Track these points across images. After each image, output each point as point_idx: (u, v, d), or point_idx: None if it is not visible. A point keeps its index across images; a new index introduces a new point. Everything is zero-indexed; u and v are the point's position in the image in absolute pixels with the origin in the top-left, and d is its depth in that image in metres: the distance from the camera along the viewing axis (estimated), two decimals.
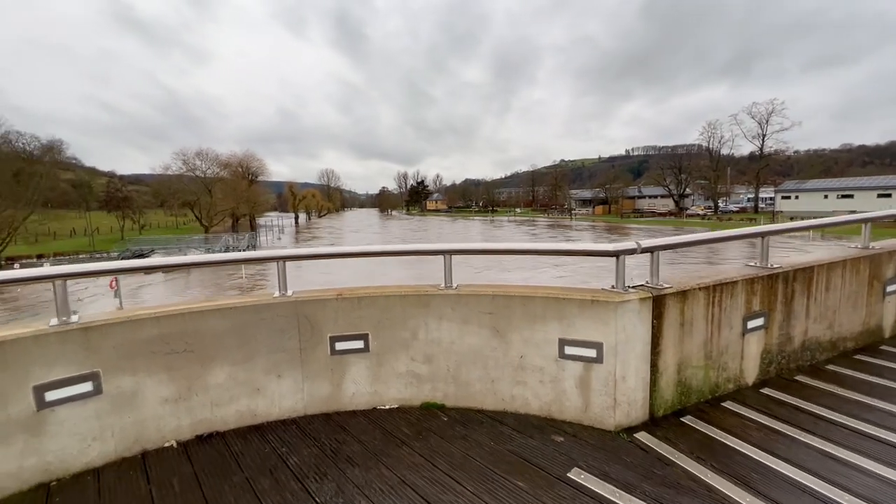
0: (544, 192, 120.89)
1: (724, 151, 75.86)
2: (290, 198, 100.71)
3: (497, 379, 3.07)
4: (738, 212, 71.68)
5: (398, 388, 3.20)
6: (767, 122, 67.57)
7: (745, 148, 77.13)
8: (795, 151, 79.22)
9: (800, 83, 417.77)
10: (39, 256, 31.85)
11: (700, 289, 2.99)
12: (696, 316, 3.00)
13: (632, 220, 74.41)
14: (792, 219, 52.88)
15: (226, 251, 33.62)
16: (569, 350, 2.85)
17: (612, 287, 2.90)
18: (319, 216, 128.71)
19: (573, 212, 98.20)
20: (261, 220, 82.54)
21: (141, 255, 34.31)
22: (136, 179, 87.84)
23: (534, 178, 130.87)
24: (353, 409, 3.16)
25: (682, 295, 2.92)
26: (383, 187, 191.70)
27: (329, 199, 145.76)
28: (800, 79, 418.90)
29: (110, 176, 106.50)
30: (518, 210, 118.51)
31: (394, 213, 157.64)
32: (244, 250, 36.05)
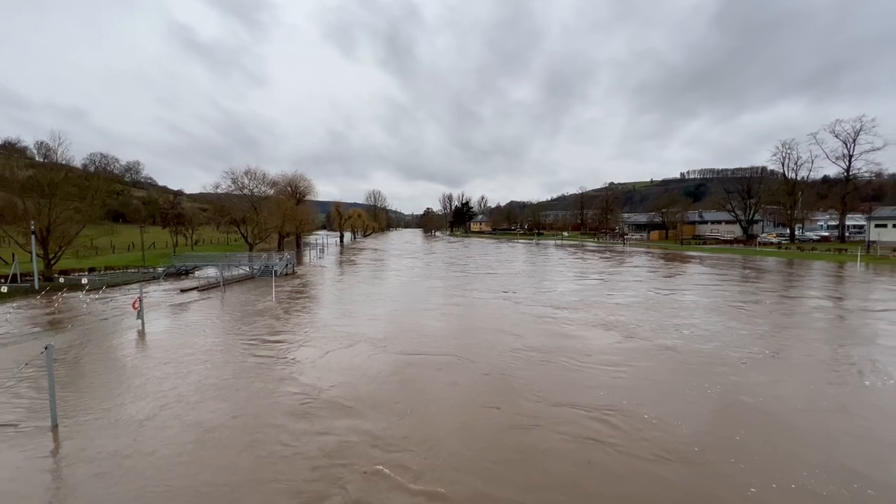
0: (593, 216, 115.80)
1: (801, 174, 68.39)
2: (336, 217, 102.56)
3: None
4: (819, 241, 63.76)
5: None
6: (855, 141, 60.24)
7: (825, 170, 69.25)
8: (890, 175, 69.89)
9: (893, 98, 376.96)
10: (91, 270, 32.60)
11: None
12: None
13: (693, 247, 68.19)
14: (893, 250, 45.59)
15: (265, 269, 33.05)
16: None
17: None
18: (365, 236, 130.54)
19: (626, 236, 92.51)
20: (309, 239, 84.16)
21: (186, 272, 34.47)
22: (200, 197, 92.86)
23: (582, 200, 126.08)
24: None
25: None
26: (428, 208, 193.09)
27: (375, 218, 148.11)
28: (890, 92, 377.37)
29: (177, 193, 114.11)
30: (566, 234, 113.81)
31: (437, 233, 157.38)
32: (286, 268, 35.41)
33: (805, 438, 7.93)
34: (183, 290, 26.20)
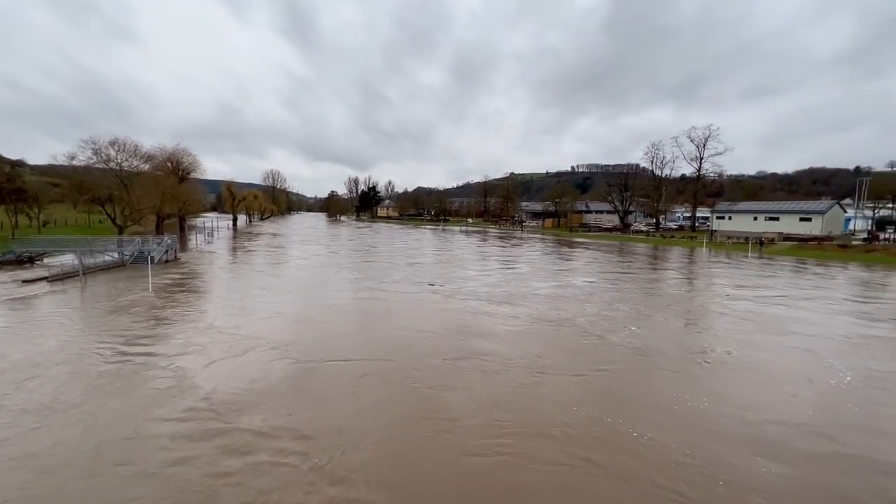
0: (495, 204, 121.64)
1: (666, 172, 79.78)
2: (228, 198, 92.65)
3: None
4: (677, 229, 75.25)
5: None
6: (704, 145, 71.86)
7: (683, 169, 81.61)
8: (729, 175, 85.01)
9: (736, 110, 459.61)
10: None
11: None
12: None
13: (580, 234, 75.83)
14: (728, 237, 55.84)
15: (139, 255, 28.85)
16: None
17: None
18: (262, 219, 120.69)
19: (524, 224, 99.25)
20: (195, 222, 75.09)
21: (29, 259, 28.54)
22: (50, 169, 77.21)
23: (486, 188, 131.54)
24: None
25: None
26: (333, 191, 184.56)
27: (274, 200, 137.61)
28: (736, 106, 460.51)
29: (15, 164, 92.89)
30: (470, 220, 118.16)
31: (343, 218, 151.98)
32: (165, 254, 31.28)
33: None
34: (25, 282, 21.70)
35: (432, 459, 7.15)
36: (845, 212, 63.67)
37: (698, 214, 79.79)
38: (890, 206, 64.10)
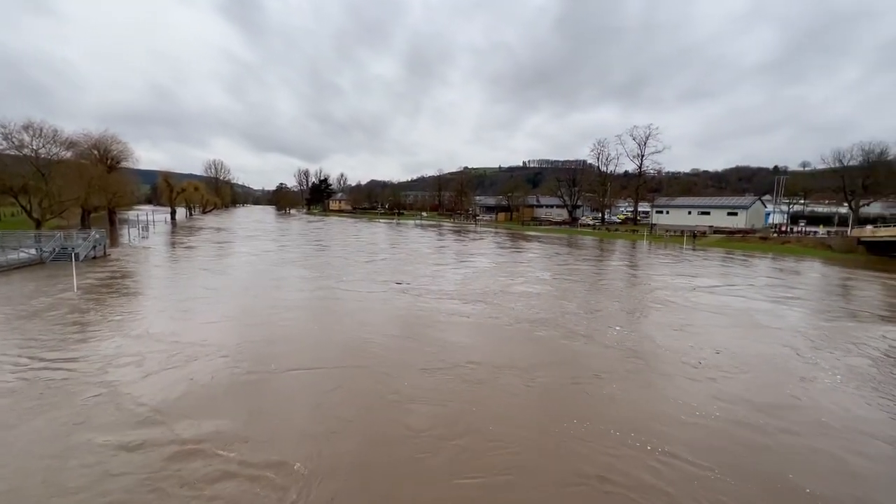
0: (450, 198, 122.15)
1: (611, 168, 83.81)
2: (165, 190, 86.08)
3: None
4: (621, 223, 79.42)
5: None
6: (645, 144, 76.11)
7: (626, 166, 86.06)
8: (667, 172, 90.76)
9: (674, 111, 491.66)
10: None
11: None
12: None
13: (531, 227, 78.14)
14: (666, 231, 59.75)
15: (62, 252, 26.29)
16: None
17: None
18: (204, 212, 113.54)
19: (477, 217, 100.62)
20: (128, 215, 69.25)
21: None
22: None
23: (440, 182, 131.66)
24: None
25: None
26: (282, 184, 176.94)
27: (217, 192, 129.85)
28: (675, 107, 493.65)
29: None
30: (424, 214, 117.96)
31: (293, 211, 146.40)
32: (93, 250, 28.69)
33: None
34: None
35: (416, 486, 6.39)
36: (766, 207, 70.10)
37: (641, 209, 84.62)
38: (802, 202, 71.45)
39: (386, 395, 9.21)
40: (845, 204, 56.39)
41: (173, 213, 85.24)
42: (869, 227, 44.73)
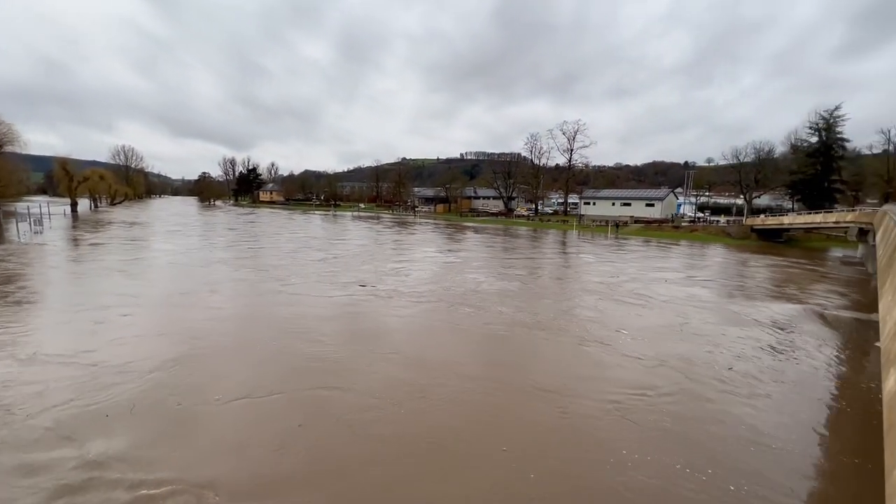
0: (388, 189, 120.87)
1: (543, 161, 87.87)
2: (63, 178, 75.82)
3: None
4: (553, 214, 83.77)
5: None
6: (574, 138, 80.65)
7: (557, 159, 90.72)
8: (594, 166, 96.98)
9: (601, 108, 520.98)
10: None
11: None
12: None
13: (469, 218, 79.88)
14: (593, 221, 64.10)
15: None
16: None
17: None
18: (112, 204, 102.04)
19: (417, 209, 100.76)
20: (15, 207, 60.24)
21: None
22: None
23: (378, 173, 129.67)
24: None
25: None
26: (205, 173, 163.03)
27: (128, 182, 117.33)
28: (601, 104, 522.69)
29: None
30: (362, 206, 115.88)
31: (218, 203, 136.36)
32: None
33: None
34: None
35: None
36: (677, 199, 77.61)
37: (571, 200, 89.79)
38: (707, 194, 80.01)
39: (368, 429, 7.39)
40: (742, 196, 64.35)
41: (74, 206, 75.69)
42: (760, 216, 52.00)
